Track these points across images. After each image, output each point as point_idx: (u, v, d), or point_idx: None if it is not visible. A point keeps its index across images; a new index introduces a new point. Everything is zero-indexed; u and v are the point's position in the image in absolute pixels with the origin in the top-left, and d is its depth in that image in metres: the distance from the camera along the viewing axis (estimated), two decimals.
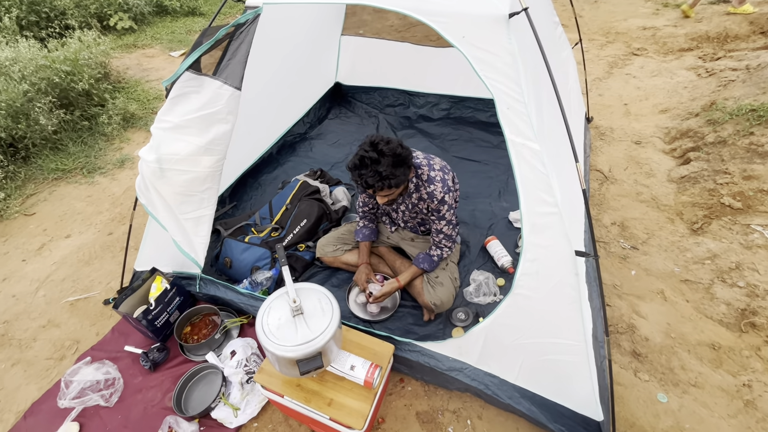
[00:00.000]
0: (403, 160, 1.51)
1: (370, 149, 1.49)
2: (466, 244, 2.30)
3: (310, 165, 2.96)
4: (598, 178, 2.69)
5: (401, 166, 1.51)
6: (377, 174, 1.48)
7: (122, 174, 2.94)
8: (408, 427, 1.62)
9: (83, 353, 1.88)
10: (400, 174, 1.51)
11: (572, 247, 1.27)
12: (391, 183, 1.51)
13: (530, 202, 1.31)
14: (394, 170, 1.49)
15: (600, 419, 1.38)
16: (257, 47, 1.67)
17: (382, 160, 1.47)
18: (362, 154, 1.50)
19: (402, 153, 1.50)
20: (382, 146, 1.48)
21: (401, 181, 1.53)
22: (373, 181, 1.50)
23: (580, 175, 1.27)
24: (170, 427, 1.55)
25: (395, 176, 1.50)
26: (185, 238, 1.89)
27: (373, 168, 1.48)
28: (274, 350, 1.21)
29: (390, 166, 1.48)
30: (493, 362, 1.53)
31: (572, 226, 1.31)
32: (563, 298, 1.32)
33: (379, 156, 1.47)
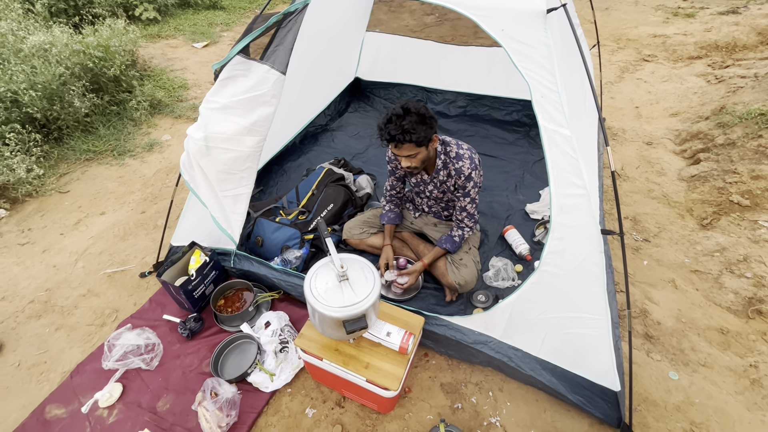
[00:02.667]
0: (426, 120, 1.60)
1: (399, 108, 1.60)
2: (485, 232, 2.40)
3: (333, 154, 3.06)
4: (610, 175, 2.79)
5: (423, 124, 1.59)
6: (400, 127, 1.58)
7: (151, 157, 3.04)
8: (433, 397, 1.71)
9: (123, 321, 1.98)
10: (421, 131, 1.59)
11: (598, 226, 1.37)
12: (412, 137, 1.59)
13: (559, 185, 1.41)
14: (416, 126, 1.58)
15: (617, 389, 1.49)
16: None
17: (407, 117, 1.57)
18: (391, 112, 1.61)
19: (426, 114, 1.60)
20: (411, 106, 1.59)
21: (421, 137, 1.60)
22: (395, 133, 1.59)
23: (610, 158, 1.37)
24: (212, 388, 1.64)
25: (416, 132, 1.58)
26: (223, 214, 1.99)
27: (398, 122, 1.58)
28: (323, 311, 1.31)
29: (413, 122, 1.57)
30: (517, 336, 1.63)
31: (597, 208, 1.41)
32: (588, 274, 1.42)
33: (404, 113, 1.58)
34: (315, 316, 1.39)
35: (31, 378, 1.79)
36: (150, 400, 1.72)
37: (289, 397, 1.72)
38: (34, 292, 2.10)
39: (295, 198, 2.54)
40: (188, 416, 1.65)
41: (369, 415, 1.66)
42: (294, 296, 2.01)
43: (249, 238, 2.27)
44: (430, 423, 1.63)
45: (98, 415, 1.67)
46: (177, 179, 2.09)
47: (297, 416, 1.66)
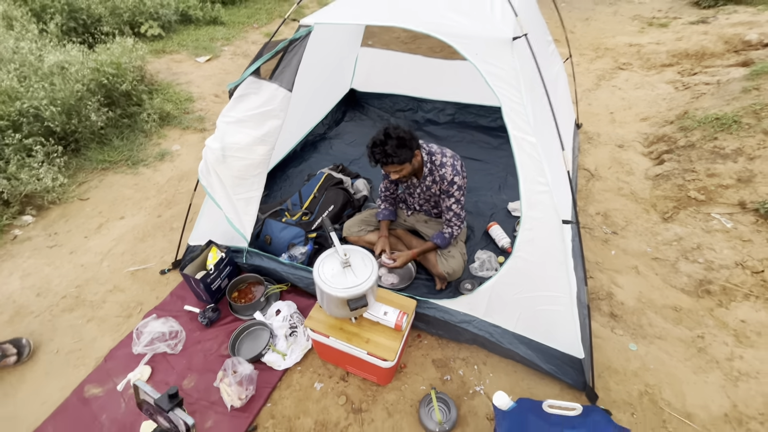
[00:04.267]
0: (406, 143, 1.87)
1: (381, 133, 1.89)
2: (471, 228, 2.66)
3: (331, 161, 3.31)
4: (585, 175, 3.07)
5: (404, 147, 1.87)
6: (383, 152, 1.87)
7: (163, 166, 3.28)
8: (426, 371, 1.96)
9: (148, 312, 2.21)
10: (401, 153, 1.87)
11: (560, 217, 1.64)
12: (394, 160, 1.89)
13: (528, 183, 1.67)
14: (396, 150, 1.86)
15: (582, 357, 1.74)
16: None
17: (389, 142, 1.86)
18: (375, 137, 1.90)
19: (405, 137, 1.87)
20: (390, 131, 1.88)
21: (403, 159, 1.89)
22: (380, 157, 1.89)
23: (566, 160, 1.64)
24: (233, 366, 1.87)
25: (397, 155, 1.87)
26: (236, 215, 2.24)
27: (381, 147, 1.87)
28: (331, 292, 1.55)
29: (394, 146, 1.86)
30: (497, 315, 1.88)
31: (560, 202, 1.67)
32: (553, 258, 1.68)
33: (386, 138, 1.87)
34: (323, 297, 1.64)
35: (69, 363, 2.01)
36: (176, 380, 1.95)
37: (299, 374, 1.96)
38: (65, 288, 2.33)
39: (299, 201, 2.79)
40: (211, 392, 1.89)
41: (370, 387, 1.90)
42: (300, 288, 2.25)
43: (258, 238, 2.51)
44: (422, 392, 1.87)
45: (131, 394, 1.90)
46: (195, 185, 2.32)
47: (307, 390, 1.90)
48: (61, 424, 1.80)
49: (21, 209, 2.78)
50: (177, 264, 2.43)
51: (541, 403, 1.39)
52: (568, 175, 1.66)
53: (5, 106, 2.97)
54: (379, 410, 1.82)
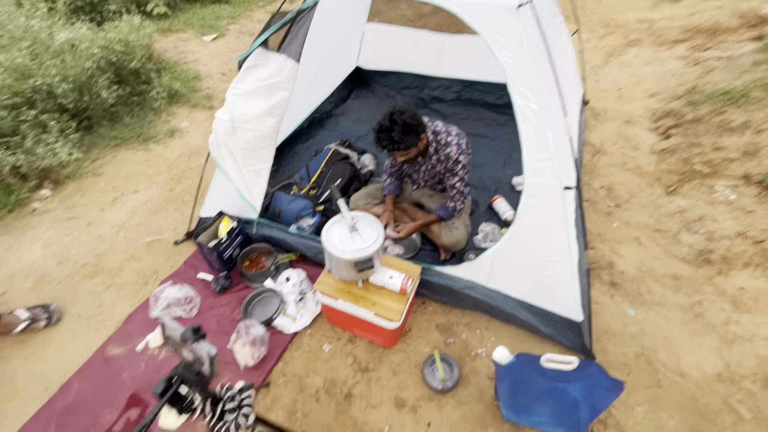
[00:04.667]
0: (412, 128, 1.88)
1: (387, 118, 1.88)
2: (476, 203, 2.70)
3: (338, 137, 3.34)
4: (590, 150, 3.09)
5: (410, 133, 1.89)
6: (390, 139, 1.88)
7: (173, 142, 3.34)
8: (430, 335, 2.04)
9: (164, 279, 2.30)
10: (408, 140, 1.89)
11: (561, 183, 1.68)
12: (400, 146, 1.91)
13: (531, 151, 1.71)
14: (403, 136, 1.88)
15: (581, 320, 1.80)
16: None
17: (395, 128, 1.86)
18: (381, 122, 1.90)
19: (411, 122, 1.86)
20: (396, 116, 1.87)
21: (409, 145, 1.91)
22: (386, 144, 1.91)
23: (567, 126, 1.67)
24: (246, 327, 1.96)
25: (404, 141, 1.89)
26: (246, 187, 2.30)
27: (388, 134, 1.88)
28: (339, 255, 1.62)
29: (400, 133, 1.87)
30: (499, 281, 1.95)
31: (562, 169, 1.71)
32: (555, 224, 1.73)
33: (391, 124, 1.87)
34: (332, 261, 1.71)
35: (90, 326, 2.12)
36: None
37: (309, 337, 2.05)
38: (84, 257, 2.43)
39: (306, 175, 2.85)
40: (225, 353, 1.98)
41: (376, 349, 1.99)
42: (309, 257, 2.32)
43: (267, 210, 2.58)
44: (426, 354, 1.95)
45: (149, 354, 2.01)
46: (206, 159, 2.38)
47: (316, 351, 1.99)
48: (85, 380, 1.92)
49: (39, 183, 2.87)
50: (190, 235, 2.52)
51: (539, 358, 1.46)
52: (570, 142, 1.69)
53: (19, 84, 3.03)
54: (385, 370, 1.91)
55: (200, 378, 0.93)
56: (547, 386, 1.50)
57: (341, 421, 1.74)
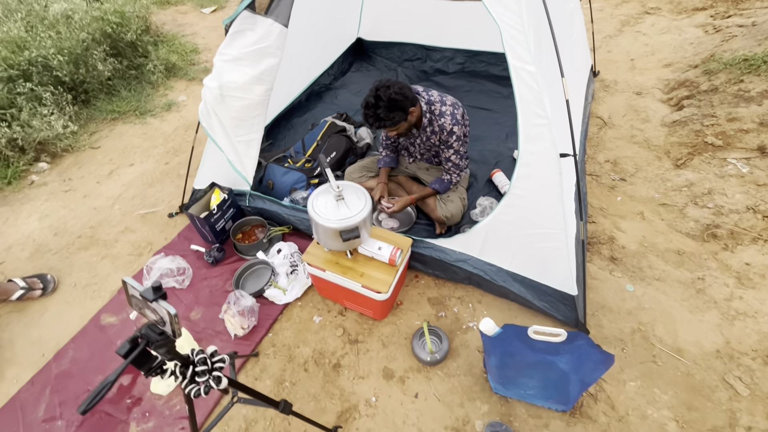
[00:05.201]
0: (398, 104, 1.80)
1: (373, 94, 1.80)
2: (474, 176, 2.62)
3: (336, 110, 3.26)
4: (597, 123, 2.96)
5: (396, 110, 1.81)
6: (376, 116, 1.82)
7: (170, 116, 3.31)
8: (421, 308, 2.01)
9: (158, 250, 2.31)
10: (395, 116, 1.82)
11: (557, 150, 1.59)
12: (386, 124, 1.85)
13: (526, 116, 1.62)
14: (389, 113, 1.81)
15: (574, 293, 1.75)
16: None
17: (380, 105, 1.79)
18: (367, 98, 1.82)
19: (397, 98, 1.78)
20: (381, 92, 1.78)
21: (396, 122, 1.85)
22: (372, 121, 1.85)
23: (565, 88, 1.57)
24: (236, 299, 1.96)
25: (390, 118, 1.82)
26: (237, 158, 2.26)
27: (373, 111, 1.81)
28: (323, 223, 1.58)
29: (386, 109, 1.79)
30: (492, 253, 1.89)
31: (559, 136, 1.62)
32: (550, 194, 1.65)
33: (376, 101, 1.79)
34: (317, 230, 1.67)
35: (86, 295, 2.15)
36: (184, 311, 2.07)
37: (299, 308, 2.04)
38: (80, 229, 2.45)
39: (302, 148, 2.79)
40: (216, 323, 1.99)
41: (366, 321, 1.98)
42: (302, 230, 2.29)
43: (261, 183, 2.54)
44: (417, 327, 1.93)
45: (144, 322, 2.03)
46: (196, 128, 2.34)
47: (306, 322, 1.99)
48: (80, 347, 1.95)
49: (36, 156, 2.88)
50: (184, 208, 2.51)
51: (526, 329, 1.42)
52: (566, 104, 1.59)
53: (15, 56, 3.01)
54: (374, 341, 1.90)
55: (164, 338, 0.91)
56: (535, 358, 1.47)
57: (328, 391, 1.74)
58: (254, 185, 2.40)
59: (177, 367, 1.04)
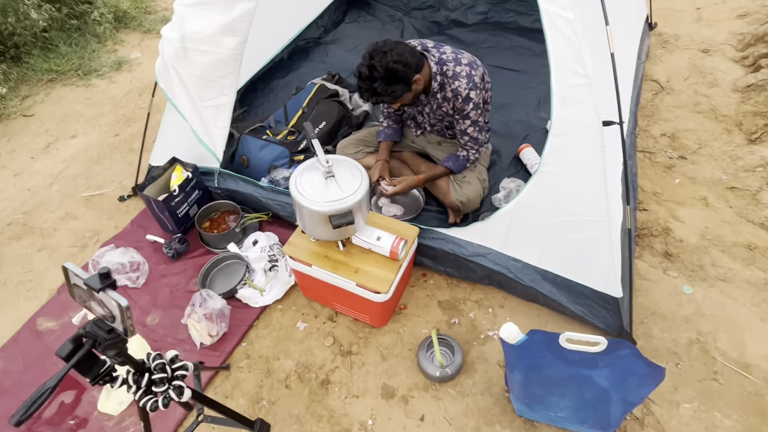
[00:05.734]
0: (398, 76, 1.78)
1: (366, 62, 1.77)
2: (498, 153, 2.63)
3: (326, 70, 3.27)
4: (653, 88, 2.95)
5: (396, 82, 1.79)
6: (371, 90, 1.81)
7: (120, 77, 3.33)
8: (430, 313, 2.04)
9: (106, 242, 2.34)
10: (395, 90, 1.81)
11: (600, 117, 1.60)
12: (385, 99, 1.84)
13: (561, 74, 1.62)
14: (387, 87, 1.79)
15: (619, 296, 1.77)
16: None
17: (376, 76, 1.77)
18: (360, 68, 1.80)
19: (396, 68, 1.75)
20: (377, 61, 1.75)
21: (398, 95, 1.84)
22: (368, 97, 1.84)
23: (610, 38, 1.57)
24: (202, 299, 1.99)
25: (389, 93, 1.81)
26: (204, 127, 2.28)
27: (369, 84, 1.80)
28: (309, 206, 1.60)
29: (384, 83, 1.77)
30: (517, 245, 1.91)
31: (601, 99, 1.62)
32: (589, 171, 1.66)
33: (371, 72, 1.77)
34: (302, 214, 1.69)
35: (19, 295, 2.18)
36: (139, 315, 2.10)
37: (280, 312, 2.07)
38: (11, 214, 2.48)
39: (284, 117, 2.81)
40: (178, 329, 2.03)
41: (362, 329, 2.00)
42: (283, 217, 2.32)
43: (234, 159, 2.56)
44: (424, 336, 1.96)
45: None
46: (153, 90, 2.35)
47: (288, 329, 2.02)
48: (12, 357, 1.99)
49: None
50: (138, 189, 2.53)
51: (557, 336, 1.43)
52: (611, 59, 1.60)
53: None
54: (371, 353, 1.92)
55: (114, 337, 0.93)
56: (567, 373, 1.49)
57: (315, 412, 1.77)
58: (225, 162, 2.42)
59: (130, 375, 1.06)
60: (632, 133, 2.48)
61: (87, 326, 0.94)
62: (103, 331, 0.93)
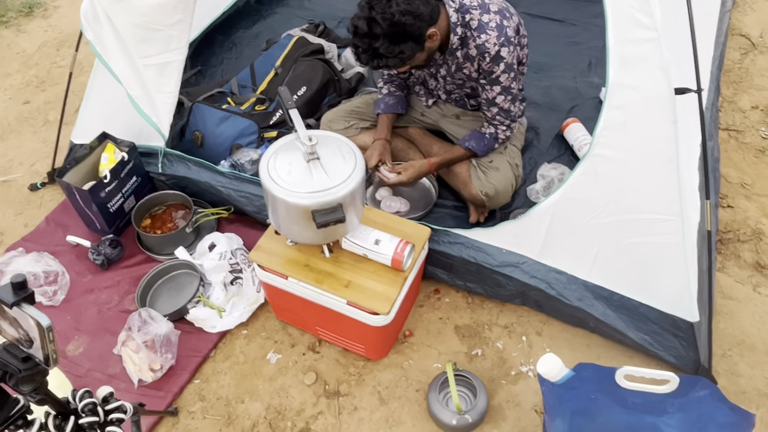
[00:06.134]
0: (406, 32, 1.78)
1: (365, 14, 1.77)
2: (535, 130, 2.67)
3: (307, 19, 3.30)
4: (741, 45, 2.99)
5: (404, 40, 1.80)
6: (372, 52, 1.81)
7: (32, 25, 3.36)
8: (444, 342, 2.06)
9: (12, 245, 2.38)
10: (404, 50, 1.81)
11: (671, 83, 1.62)
12: (390, 63, 1.85)
13: (621, 27, 1.64)
14: (393, 47, 1.79)
15: (695, 320, 1.79)
16: None
17: (376, 33, 1.77)
18: (355, 21, 1.81)
19: (404, 21, 1.75)
20: (378, 11, 1.74)
21: (407, 57, 1.85)
22: (367, 60, 1.85)
23: None
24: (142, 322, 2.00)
25: (395, 55, 1.81)
26: (145, 93, 2.30)
27: (368, 43, 1.80)
28: (286, 197, 1.61)
29: (387, 41, 1.78)
30: (560, 253, 1.93)
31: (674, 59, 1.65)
32: (656, 155, 1.69)
33: (370, 27, 1.77)
34: (276, 209, 1.70)
35: None
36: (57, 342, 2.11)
37: (245, 340, 2.10)
38: None
39: (250, 80, 2.83)
40: (109, 361, 2.05)
41: (354, 363, 2.03)
42: (249, 213, 2.34)
43: (184, 135, 2.58)
44: (436, 371, 1.98)
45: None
46: (77, 44, 2.37)
47: (256, 362, 2.04)
48: None
49: None
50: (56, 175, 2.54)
51: (613, 372, 1.46)
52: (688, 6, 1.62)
53: None
54: (366, 395, 1.95)
55: (31, 367, 0.95)
56: (626, 420, 1.51)
57: None
58: (172, 140, 2.43)
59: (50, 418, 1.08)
60: (713, 106, 2.51)
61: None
62: (17, 360, 0.95)
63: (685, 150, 1.71)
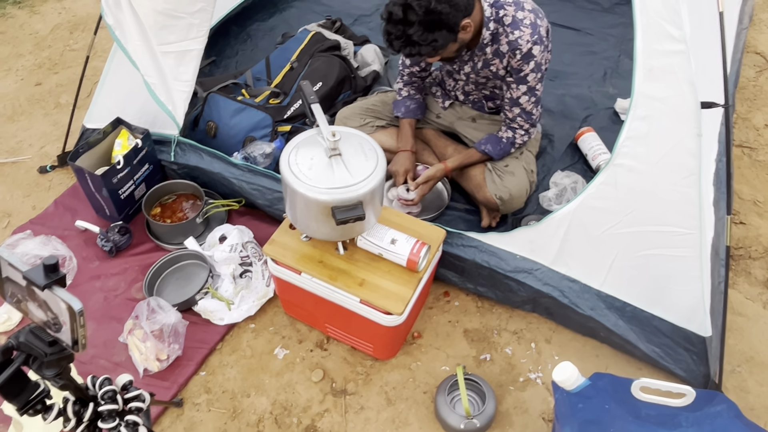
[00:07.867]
0: (441, 20, 1.77)
1: (400, 0, 1.76)
2: (549, 138, 2.67)
3: (323, 14, 3.29)
4: (756, 63, 3.00)
5: (439, 28, 1.78)
6: (406, 39, 1.80)
7: (46, 6, 3.34)
8: (452, 345, 2.06)
9: (20, 227, 2.36)
10: (437, 38, 1.80)
11: (697, 97, 1.62)
12: (423, 51, 1.84)
13: (650, 37, 1.64)
14: (427, 34, 1.78)
15: (707, 335, 1.79)
16: None
17: (411, 19, 1.76)
18: (389, 7, 1.80)
19: (441, 9, 1.75)
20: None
21: (440, 46, 1.84)
22: (399, 46, 1.84)
23: None
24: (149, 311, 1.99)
25: (428, 42, 1.80)
26: (162, 81, 2.29)
27: (403, 30, 1.79)
28: (307, 192, 1.60)
29: (422, 28, 1.77)
30: (574, 262, 1.93)
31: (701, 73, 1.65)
32: (678, 168, 1.68)
33: (406, 14, 1.76)
34: (295, 203, 1.69)
35: None
36: None
37: (253, 334, 2.09)
38: None
39: (266, 73, 2.82)
40: (114, 349, 2.04)
41: (361, 362, 2.02)
42: (260, 206, 2.33)
43: (197, 125, 2.57)
44: (444, 374, 1.97)
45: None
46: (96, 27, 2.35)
47: (263, 357, 2.03)
48: None
49: None
50: (66, 158, 2.52)
51: (629, 383, 1.46)
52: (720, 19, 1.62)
53: None
54: (373, 394, 1.94)
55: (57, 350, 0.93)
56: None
57: None
58: (185, 129, 2.42)
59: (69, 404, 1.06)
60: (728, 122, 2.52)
61: (20, 335, 0.94)
62: (43, 343, 0.93)
63: (705, 163, 1.71)
